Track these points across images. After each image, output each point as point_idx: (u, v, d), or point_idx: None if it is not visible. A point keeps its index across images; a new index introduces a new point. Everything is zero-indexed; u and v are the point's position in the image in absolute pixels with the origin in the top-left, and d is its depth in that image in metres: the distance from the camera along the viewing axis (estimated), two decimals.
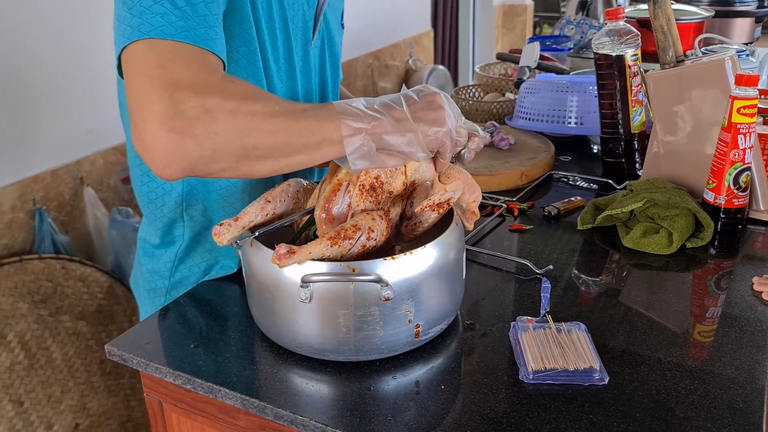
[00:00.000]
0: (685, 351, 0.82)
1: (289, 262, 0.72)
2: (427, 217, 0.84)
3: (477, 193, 0.88)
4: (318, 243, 0.74)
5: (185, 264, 1.03)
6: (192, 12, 0.73)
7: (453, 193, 0.83)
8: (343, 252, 0.75)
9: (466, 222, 0.90)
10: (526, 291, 0.95)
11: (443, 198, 0.83)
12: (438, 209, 0.83)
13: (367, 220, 0.77)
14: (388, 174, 0.80)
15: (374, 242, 0.77)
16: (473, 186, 0.87)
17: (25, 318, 1.67)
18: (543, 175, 1.35)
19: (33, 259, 1.70)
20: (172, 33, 0.71)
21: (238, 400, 0.77)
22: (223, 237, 0.78)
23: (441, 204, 0.83)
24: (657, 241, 1.05)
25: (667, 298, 0.93)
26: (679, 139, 1.20)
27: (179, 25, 0.71)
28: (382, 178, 0.80)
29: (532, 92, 1.53)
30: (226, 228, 0.78)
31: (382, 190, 0.80)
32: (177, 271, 1.04)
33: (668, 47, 1.20)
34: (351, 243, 0.75)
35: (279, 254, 0.71)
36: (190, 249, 1.03)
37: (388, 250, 0.81)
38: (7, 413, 1.62)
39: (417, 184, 0.84)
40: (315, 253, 0.73)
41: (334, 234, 0.75)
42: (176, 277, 1.04)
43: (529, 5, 5.12)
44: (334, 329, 0.77)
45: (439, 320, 0.82)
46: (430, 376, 0.78)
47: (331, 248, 0.74)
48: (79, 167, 1.88)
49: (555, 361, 0.77)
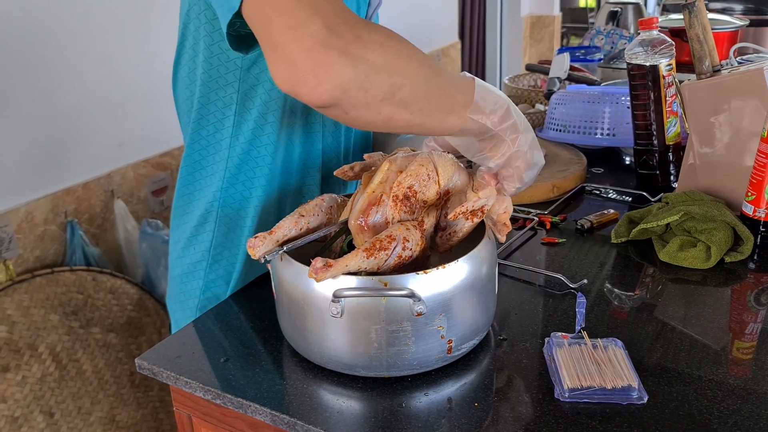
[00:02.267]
0: (726, 368, 0.79)
1: (326, 275, 0.71)
2: (462, 227, 0.82)
3: (507, 204, 0.86)
4: (354, 255, 0.72)
5: (213, 270, 1.04)
6: None
7: (486, 200, 0.81)
8: (379, 263, 0.74)
9: (498, 234, 0.88)
10: (560, 306, 0.94)
11: (477, 205, 0.81)
12: (472, 217, 0.81)
13: (401, 230, 0.76)
14: (421, 183, 0.79)
15: (410, 252, 0.76)
16: (504, 197, 0.86)
17: (57, 330, 1.68)
18: (575, 187, 1.33)
19: (64, 271, 1.72)
20: None
21: (267, 415, 0.76)
22: (257, 250, 0.77)
23: (475, 212, 0.81)
24: (694, 255, 1.02)
25: (705, 314, 0.91)
26: (716, 151, 1.17)
27: None
28: (416, 187, 0.79)
29: (562, 103, 1.51)
30: (261, 241, 0.77)
31: (416, 199, 0.79)
32: (207, 274, 1.05)
33: (704, 57, 1.18)
34: (387, 254, 0.74)
35: (315, 268, 0.71)
36: (216, 254, 1.03)
37: (424, 261, 0.80)
38: (38, 424, 1.64)
39: (451, 194, 0.83)
40: (351, 265, 0.72)
41: (370, 245, 0.73)
42: (208, 279, 1.05)
43: (557, 16, 5.10)
44: (366, 345, 0.76)
45: (472, 335, 0.80)
46: (463, 393, 0.77)
47: (367, 260, 0.73)
48: (110, 180, 1.91)
49: (591, 378, 0.75)
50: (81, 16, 1.77)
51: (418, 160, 0.80)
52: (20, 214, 1.68)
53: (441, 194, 0.82)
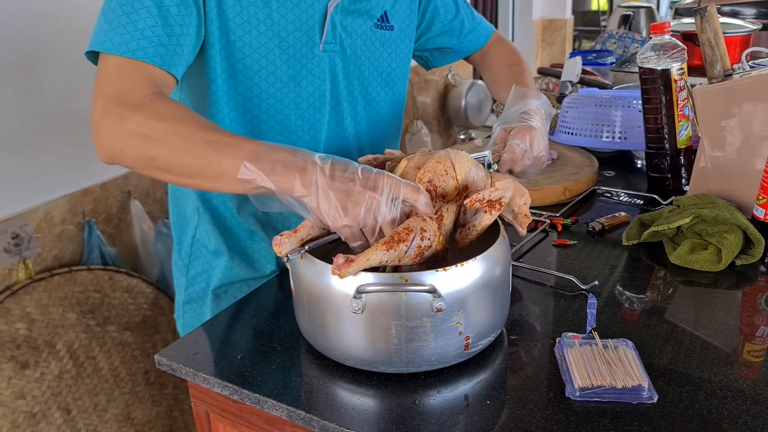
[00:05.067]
0: (735, 370, 0.80)
1: (349, 271, 0.73)
2: (480, 221, 0.83)
3: (526, 197, 0.88)
4: (374, 249, 0.74)
5: (198, 260, 1.13)
6: (153, 32, 0.86)
7: (504, 191, 0.82)
8: (399, 255, 0.75)
9: (519, 227, 0.90)
10: (571, 307, 0.95)
11: (494, 195, 0.82)
12: (490, 209, 0.82)
13: (417, 221, 0.77)
14: (440, 178, 0.81)
15: (428, 242, 0.77)
16: (522, 189, 0.87)
17: (74, 327, 1.71)
18: (586, 190, 1.34)
19: (82, 270, 1.75)
20: (124, 51, 0.85)
21: (284, 411, 0.78)
22: (283, 247, 0.79)
23: (492, 203, 0.82)
24: (705, 258, 1.03)
25: (715, 316, 0.92)
26: (728, 154, 1.18)
27: (133, 44, 0.85)
28: (435, 182, 0.81)
29: (574, 107, 1.52)
30: (287, 238, 0.79)
31: (435, 194, 0.81)
32: (192, 264, 1.13)
33: (716, 61, 1.19)
34: (406, 245, 0.75)
35: (338, 264, 0.72)
36: (196, 251, 1.12)
37: (443, 254, 0.82)
38: (55, 420, 1.66)
39: (470, 190, 0.84)
40: (373, 259, 0.73)
41: (389, 239, 0.75)
42: (192, 272, 1.14)
43: (569, 19, 5.10)
44: (386, 340, 0.77)
45: (488, 333, 0.82)
46: (476, 391, 0.78)
47: (387, 252, 0.74)
48: (126, 181, 1.93)
49: (602, 378, 0.76)
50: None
51: (436, 158, 0.82)
52: (39, 214, 1.71)
53: (459, 189, 0.83)
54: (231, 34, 0.95)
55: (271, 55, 0.98)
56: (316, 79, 1.04)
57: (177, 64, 0.90)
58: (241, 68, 0.98)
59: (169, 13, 0.88)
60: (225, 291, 1.14)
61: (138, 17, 0.86)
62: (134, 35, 0.85)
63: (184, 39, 0.90)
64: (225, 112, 1.01)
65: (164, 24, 0.87)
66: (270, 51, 0.98)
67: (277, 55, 0.99)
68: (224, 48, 0.96)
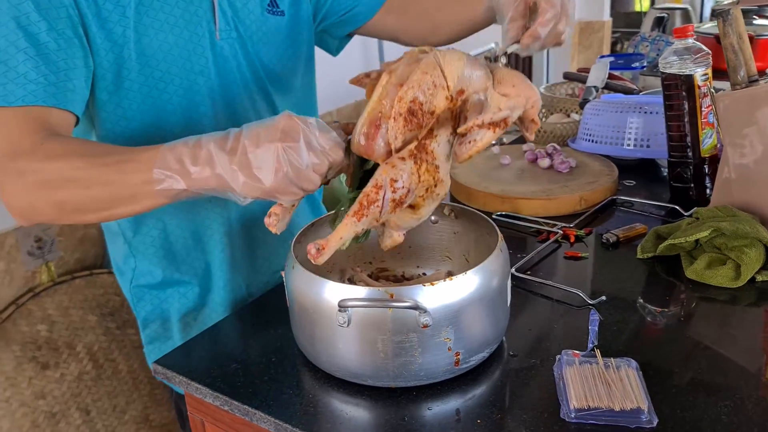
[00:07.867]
0: (751, 393, 0.76)
1: (324, 256, 0.69)
2: (482, 137, 0.72)
3: (535, 98, 0.76)
4: (344, 225, 0.69)
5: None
6: (37, 73, 0.80)
7: (509, 111, 0.73)
8: (375, 217, 0.70)
9: (527, 132, 0.79)
10: (577, 323, 0.91)
11: (497, 117, 0.72)
12: (494, 129, 0.72)
13: (385, 171, 0.69)
14: (426, 92, 0.71)
15: (405, 189, 0.70)
16: (529, 90, 0.76)
17: (94, 330, 1.73)
18: (604, 200, 1.30)
19: (102, 273, 1.77)
20: (11, 101, 0.79)
21: (272, 424, 0.76)
22: (275, 227, 0.75)
23: (497, 123, 0.72)
24: (723, 274, 0.98)
25: (733, 335, 0.87)
26: (752, 164, 1.12)
27: (18, 91, 0.79)
28: (420, 98, 0.71)
29: (596, 113, 1.48)
30: (275, 219, 0.75)
31: (422, 111, 0.71)
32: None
33: (739, 67, 1.14)
34: (378, 206, 0.69)
35: (311, 255, 0.69)
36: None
37: (437, 186, 0.74)
38: (74, 421, 1.68)
39: (467, 95, 0.73)
40: (346, 236, 0.70)
41: (357, 206, 0.70)
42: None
43: (607, 21, 5.00)
44: (372, 354, 0.76)
45: (481, 348, 0.79)
46: (467, 408, 0.76)
47: (359, 222, 0.69)
48: None
49: (599, 399, 0.73)
50: None
51: (422, 68, 0.71)
52: None
53: (453, 97, 0.73)
54: (147, 48, 0.91)
55: (173, 53, 0.94)
56: (221, 69, 0.99)
57: (71, 100, 0.83)
58: (158, 76, 0.93)
59: (49, 50, 0.81)
60: (194, 318, 1.10)
61: (17, 62, 0.79)
62: (17, 81, 0.79)
63: (72, 73, 0.84)
64: (141, 130, 0.96)
65: (46, 62, 0.81)
66: (170, 50, 0.94)
67: (177, 54, 0.94)
68: (140, 64, 0.92)
